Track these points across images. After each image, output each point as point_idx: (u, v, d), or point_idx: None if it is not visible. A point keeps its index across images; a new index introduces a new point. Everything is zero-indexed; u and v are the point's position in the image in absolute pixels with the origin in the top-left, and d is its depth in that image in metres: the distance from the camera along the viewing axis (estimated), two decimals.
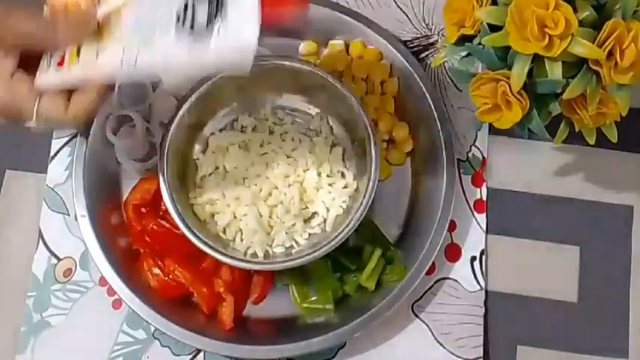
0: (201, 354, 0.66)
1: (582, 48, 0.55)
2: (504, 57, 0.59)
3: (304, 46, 0.72)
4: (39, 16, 0.53)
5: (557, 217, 0.69)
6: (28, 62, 0.54)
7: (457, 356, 0.66)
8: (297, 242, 0.65)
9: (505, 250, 0.68)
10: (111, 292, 0.66)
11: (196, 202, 0.66)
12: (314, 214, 0.66)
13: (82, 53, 0.53)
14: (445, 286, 0.67)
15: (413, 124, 0.70)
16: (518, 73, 0.57)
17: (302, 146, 0.67)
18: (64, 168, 0.69)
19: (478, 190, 0.70)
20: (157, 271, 0.65)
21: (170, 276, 0.65)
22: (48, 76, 0.54)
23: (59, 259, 0.67)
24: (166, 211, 0.62)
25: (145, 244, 0.66)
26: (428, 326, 0.66)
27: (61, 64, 0.53)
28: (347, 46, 0.71)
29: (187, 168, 0.67)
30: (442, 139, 0.67)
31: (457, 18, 0.61)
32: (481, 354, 0.66)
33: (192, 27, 0.50)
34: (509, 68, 0.58)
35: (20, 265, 0.67)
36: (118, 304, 0.66)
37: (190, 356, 0.66)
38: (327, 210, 0.65)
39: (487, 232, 0.69)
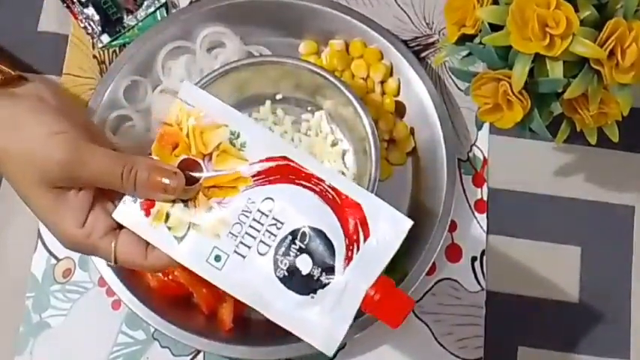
0: (201, 355, 0.65)
1: (583, 47, 0.55)
2: (505, 56, 0.58)
3: (304, 46, 0.71)
4: (119, 161, 0.50)
5: (559, 218, 0.69)
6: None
7: (458, 357, 0.66)
8: None
9: (506, 251, 0.68)
10: (110, 292, 0.66)
11: None
12: None
13: (170, 220, 0.50)
14: (446, 286, 0.67)
15: (413, 124, 0.69)
16: (520, 72, 0.57)
17: (302, 146, 0.67)
18: None
19: (479, 190, 0.69)
20: None
21: (170, 276, 0.65)
22: (129, 215, 0.50)
23: (58, 260, 0.67)
24: None
25: None
26: (428, 327, 0.66)
27: (147, 212, 0.50)
28: (347, 46, 0.71)
29: None
30: (443, 139, 0.67)
31: (458, 17, 0.61)
32: (482, 354, 0.66)
33: (291, 279, 0.49)
34: (510, 68, 0.58)
35: (19, 265, 0.67)
36: (117, 304, 0.66)
37: (190, 357, 0.66)
38: None
39: (488, 232, 0.68)
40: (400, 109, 0.70)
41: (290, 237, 0.49)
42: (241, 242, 0.49)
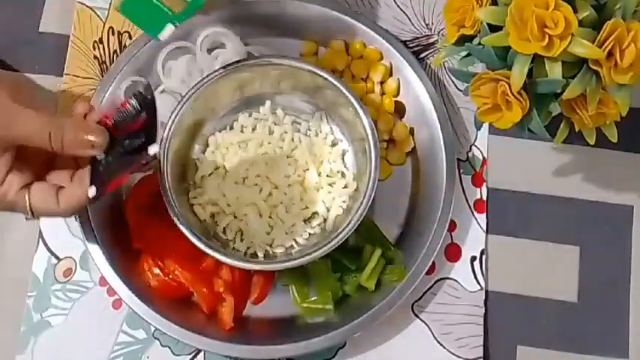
0: (201, 354, 0.66)
1: (582, 48, 0.55)
2: (504, 57, 0.59)
3: (304, 47, 0.72)
4: (47, 123, 0.53)
5: (557, 217, 0.69)
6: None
7: (457, 356, 0.66)
8: (297, 242, 0.65)
9: (505, 250, 0.68)
10: (111, 292, 0.66)
11: (196, 202, 0.66)
12: (314, 214, 0.66)
13: None
14: (445, 286, 0.67)
15: (412, 124, 0.70)
16: (518, 73, 0.57)
17: (302, 146, 0.67)
18: None
19: (478, 190, 0.70)
20: (157, 271, 0.65)
21: (170, 276, 0.65)
22: None
23: (59, 259, 0.67)
24: (166, 211, 0.62)
25: (145, 244, 0.66)
26: (428, 326, 0.66)
27: None
28: (347, 46, 0.71)
29: (187, 168, 0.67)
30: (442, 139, 0.67)
31: (457, 18, 0.61)
32: (481, 354, 0.66)
33: None
34: (509, 68, 0.58)
35: (20, 265, 0.67)
36: (118, 304, 0.66)
37: (190, 356, 0.66)
38: (327, 210, 0.66)
39: (487, 232, 0.69)
40: (400, 110, 0.70)
41: None
42: None
